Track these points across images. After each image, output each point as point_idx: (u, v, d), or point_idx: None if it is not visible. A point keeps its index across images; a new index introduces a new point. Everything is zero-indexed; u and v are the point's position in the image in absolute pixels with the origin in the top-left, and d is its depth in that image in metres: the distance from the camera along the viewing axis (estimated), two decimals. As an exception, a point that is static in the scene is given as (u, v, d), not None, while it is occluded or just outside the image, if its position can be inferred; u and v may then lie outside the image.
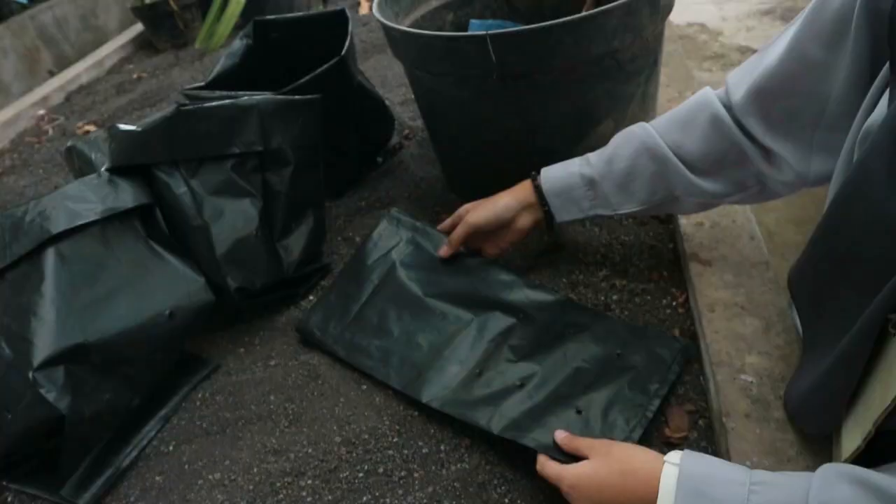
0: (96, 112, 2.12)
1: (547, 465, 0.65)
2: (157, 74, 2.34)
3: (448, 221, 0.93)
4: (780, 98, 0.65)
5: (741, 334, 0.79)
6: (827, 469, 0.48)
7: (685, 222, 0.98)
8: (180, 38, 2.57)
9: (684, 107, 0.76)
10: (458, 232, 0.89)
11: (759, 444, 0.66)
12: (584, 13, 0.85)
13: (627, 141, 0.79)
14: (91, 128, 1.98)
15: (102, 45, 2.82)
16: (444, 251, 0.91)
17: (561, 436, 0.67)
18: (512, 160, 0.94)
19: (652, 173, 0.78)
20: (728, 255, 0.90)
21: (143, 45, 2.73)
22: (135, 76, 2.38)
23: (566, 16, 0.84)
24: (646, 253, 1.00)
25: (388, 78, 1.79)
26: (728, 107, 0.71)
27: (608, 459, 0.60)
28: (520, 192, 0.87)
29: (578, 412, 0.73)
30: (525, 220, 0.87)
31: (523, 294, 0.88)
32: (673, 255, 1.00)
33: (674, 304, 0.91)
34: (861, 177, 0.50)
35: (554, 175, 0.85)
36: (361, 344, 0.88)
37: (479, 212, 0.87)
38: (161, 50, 2.60)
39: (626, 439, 0.69)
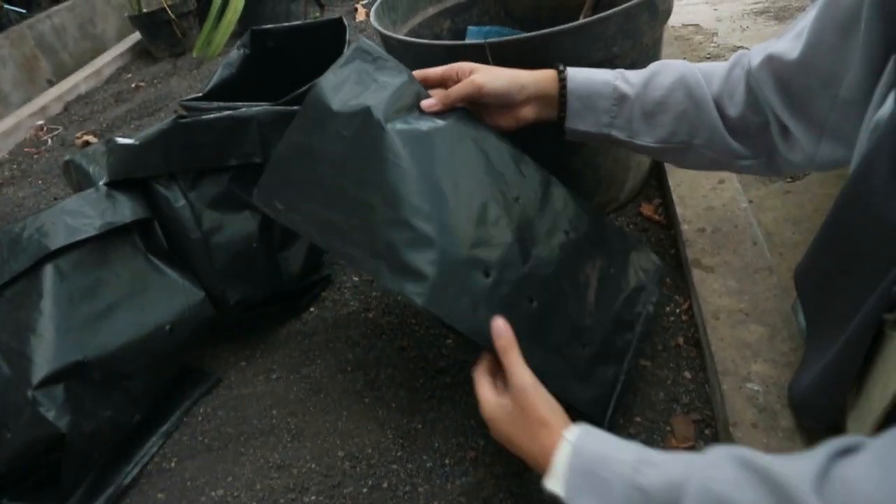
0: (95, 122, 2.11)
1: (479, 380, 0.63)
2: (155, 83, 2.34)
3: (439, 70, 0.77)
4: (797, 76, 0.64)
5: (746, 342, 0.78)
6: (716, 449, 0.48)
7: (686, 228, 0.97)
8: (178, 47, 2.57)
9: (725, 63, 0.73)
10: (461, 90, 0.74)
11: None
12: (582, 20, 0.85)
13: (667, 70, 0.73)
14: (90, 138, 1.97)
15: (101, 53, 2.82)
16: (431, 104, 0.73)
17: (502, 334, 0.62)
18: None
19: (682, 111, 0.73)
20: (731, 260, 0.89)
21: (140, 54, 2.73)
22: (133, 85, 2.38)
23: (563, 21, 0.83)
24: (648, 259, 0.99)
25: (386, 84, 1.79)
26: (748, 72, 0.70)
27: (524, 416, 0.59)
28: (540, 79, 0.75)
29: (583, 345, 0.70)
30: (529, 112, 0.77)
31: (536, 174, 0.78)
32: (675, 261, 0.99)
33: (677, 311, 0.90)
34: (865, 174, 0.50)
35: (583, 77, 0.75)
36: (336, 222, 0.67)
37: (491, 76, 0.74)
38: (159, 58, 2.60)
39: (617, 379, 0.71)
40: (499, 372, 0.64)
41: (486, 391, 0.62)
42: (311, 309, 1.04)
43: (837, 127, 0.64)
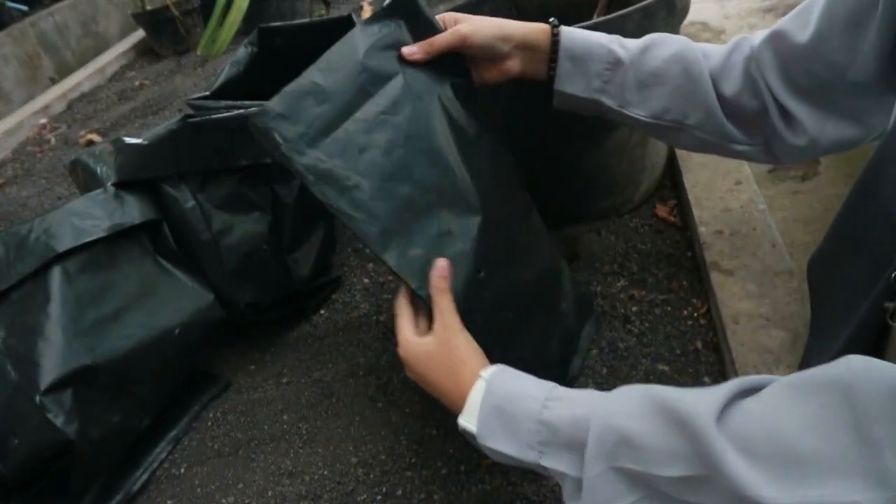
0: (98, 120, 2.10)
1: (401, 316, 0.61)
2: (159, 81, 2.32)
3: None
4: (802, 59, 0.62)
5: (768, 347, 0.77)
6: (625, 386, 0.49)
7: (704, 230, 0.95)
8: (182, 45, 2.56)
9: (725, 46, 0.70)
10: (445, 39, 0.69)
11: (792, 464, 0.64)
12: (599, 18, 0.83)
13: (666, 42, 0.70)
14: (94, 136, 1.96)
15: (103, 51, 2.80)
16: (412, 51, 0.68)
17: (441, 272, 0.60)
18: (521, 168, 0.92)
19: (677, 87, 0.69)
20: (750, 264, 0.88)
21: (144, 52, 2.72)
22: (137, 83, 2.36)
23: (574, 19, 0.82)
24: (664, 262, 0.97)
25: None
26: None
27: (444, 352, 0.58)
28: (530, 31, 0.71)
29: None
30: (515, 65, 0.72)
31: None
32: (692, 263, 0.97)
33: (695, 315, 0.89)
34: (877, 168, 0.50)
35: (579, 36, 0.71)
36: (339, 176, 0.64)
37: (476, 26, 0.70)
38: (163, 56, 2.59)
39: None
40: (420, 310, 0.62)
41: (407, 330, 0.60)
42: (321, 311, 1.03)
43: (843, 107, 0.62)
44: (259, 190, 0.92)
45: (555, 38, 0.71)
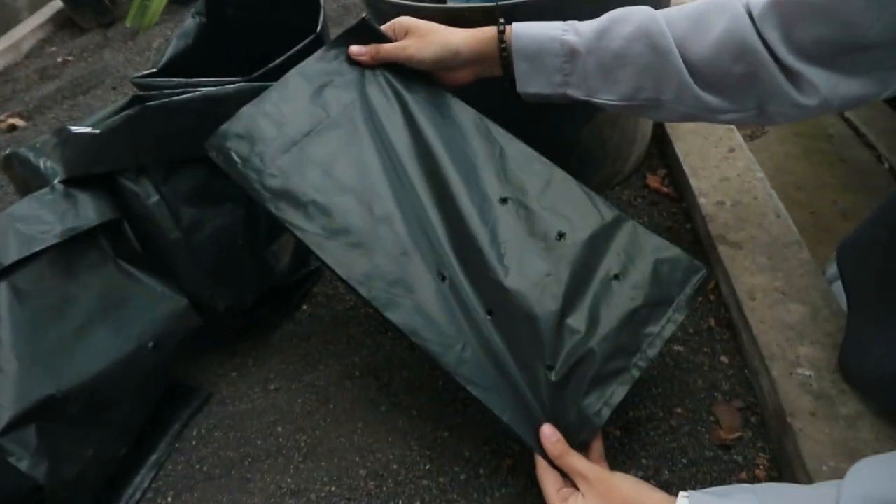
0: (19, 102, 1.89)
1: (545, 484, 0.58)
2: (86, 57, 2.11)
3: (381, 28, 0.76)
4: (812, 17, 0.57)
5: (788, 322, 0.74)
6: (846, 489, 0.45)
7: (704, 201, 0.92)
8: (107, 16, 2.33)
9: (702, 3, 0.65)
10: (391, 51, 0.73)
11: (832, 446, 0.62)
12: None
13: (626, 19, 0.65)
14: (16, 120, 1.76)
15: (11, 24, 2.53)
16: (360, 51, 0.73)
17: (550, 440, 0.58)
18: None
19: (645, 65, 0.65)
20: (757, 235, 0.85)
21: (64, 25, 2.46)
22: (59, 59, 2.14)
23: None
24: (663, 235, 0.91)
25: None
26: (749, 16, 0.62)
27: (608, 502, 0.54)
28: (478, 40, 0.70)
29: (549, 368, 0.61)
30: (467, 74, 0.74)
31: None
32: (692, 236, 0.94)
33: (704, 290, 0.86)
34: None
35: (529, 34, 0.68)
36: (296, 192, 0.68)
37: (421, 45, 0.71)
38: (86, 29, 2.35)
39: (596, 413, 0.60)
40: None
41: (551, 492, 0.57)
42: (304, 307, 0.94)
43: (857, 65, 0.58)
44: (229, 179, 0.82)
45: (502, 44, 0.69)
